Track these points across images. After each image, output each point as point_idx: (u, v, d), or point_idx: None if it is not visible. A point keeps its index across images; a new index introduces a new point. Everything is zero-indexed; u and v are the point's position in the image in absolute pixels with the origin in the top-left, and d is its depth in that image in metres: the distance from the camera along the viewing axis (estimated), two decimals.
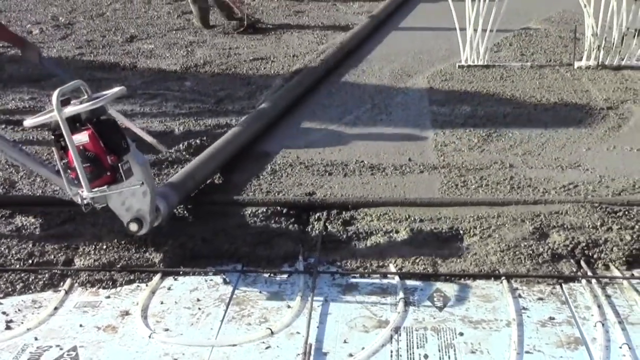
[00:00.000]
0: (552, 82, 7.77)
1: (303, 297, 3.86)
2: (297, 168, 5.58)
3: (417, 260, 4.21)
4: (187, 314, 3.76)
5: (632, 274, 4.08)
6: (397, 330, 3.56)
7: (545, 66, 8.46)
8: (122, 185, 3.98)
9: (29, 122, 3.96)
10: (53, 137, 4.01)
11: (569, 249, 4.27)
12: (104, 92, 4.06)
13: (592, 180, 5.17)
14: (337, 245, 4.45)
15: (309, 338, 3.47)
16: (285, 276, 4.13)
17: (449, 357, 3.33)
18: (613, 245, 4.26)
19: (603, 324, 3.56)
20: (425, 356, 3.34)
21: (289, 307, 3.79)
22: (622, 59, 8.32)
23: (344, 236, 4.51)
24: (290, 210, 4.85)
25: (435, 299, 3.85)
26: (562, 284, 3.98)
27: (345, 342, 3.47)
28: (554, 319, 3.64)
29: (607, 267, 4.16)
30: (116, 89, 4.04)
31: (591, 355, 3.34)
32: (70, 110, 3.85)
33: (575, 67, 8.35)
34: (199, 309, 3.80)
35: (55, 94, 3.77)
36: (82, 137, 3.87)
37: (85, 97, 4.03)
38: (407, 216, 4.68)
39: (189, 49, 9.62)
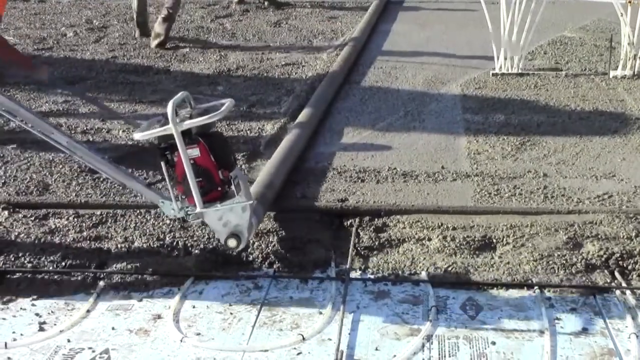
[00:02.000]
0: (587, 91, 7.72)
1: (334, 304, 3.86)
2: (330, 174, 5.57)
3: (449, 268, 4.19)
4: (218, 318, 3.77)
5: None
6: (429, 338, 3.54)
7: (580, 75, 8.40)
8: (234, 200, 3.90)
9: (140, 135, 3.81)
10: (158, 150, 3.92)
11: (603, 259, 4.23)
12: (211, 104, 4.00)
13: (627, 191, 5.13)
14: (369, 252, 4.45)
15: (340, 345, 3.47)
16: (317, 282, 4.13)
17: None
18: None
19: (637, 336, 3.52)
20: None
21: (320, 313, 3.79)
22: None
23: (376, 243, 4.51)
24: (323, 216, 4.85)
25: (467, 308, 3.83)
26: (596, 295, 3.94)
27: (376, 349, 3.47)
28: (587, 329, 3.61)
29: None
30: (226, 102, 3.91)
31: None
32: (189, 123, 3.73)
33: (611, 76, 8.28)
34: (231, 313, 3.81)
35: (170, 105, 3.68)
36: (193, 151, 3.76)
37: (189, 109, 3.90)
38: (440, 224, 4.66)
39: (222, 54, 9.66)
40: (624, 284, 4.04)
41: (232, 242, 4.00)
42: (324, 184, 5.41)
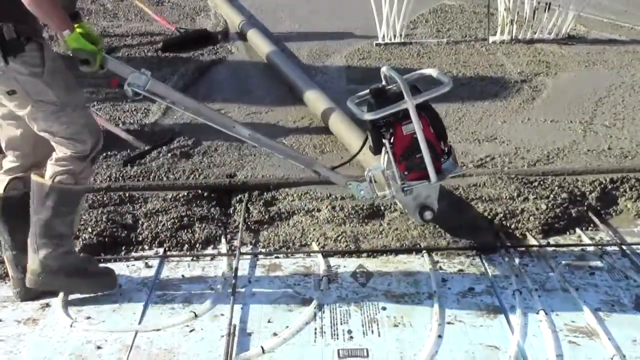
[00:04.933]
0: (468, 57, 7.90)
1: (226, 280, 3.85)
2: (219, 149, 5.54)
3: (339, 238, 4.23)
4: (109, 300, 3.70)
5: (548, 242, 4.19)
6: (320, 307, 3.57)
7: (460, 42, 8.58)
8: (455, 171, 3.95)
9: (372, 115, 3.74)
10: (370, 130, 3.88)
11: (487, 220, 4.36)
12: (414, 77, 3.96)
13: (508, 152, 5.29)
14: (259, 226, 4.45)
15: (232, 319, 3.47)
16: (208, 259, 4.11)
17: (373, 332, 3.36)
18: (529, 214, 4.37)
19: (521, 292, 3.65)
20: (349, 331, 3.37)
21: (212, 289, 3.77)
22: (535, 33, 8.51)
23: (266, 217, 4.51)
24: (212, 193, 4.82)
25: (358, 276, 3.88)
26: (481, 255, 4.06)
27: (269, 321, 3.48)
28: (473, 289, 3.72)
29: (524, 237, 4.26)
30: (429, 71, 3.97)
31: (510, 322, 3.41)
32: (423, 96, 3.73)
33: (490, 41, 8.50)
34: (122, 295, 3.75)
35: (402, 82, 3.68)
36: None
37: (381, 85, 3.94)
38: (329, 194, 4.70)
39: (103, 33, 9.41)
40: (507, 243, 4.17)
41: (428, 215, 3.98)
42: (212, 159, 5.38)
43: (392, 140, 3.82)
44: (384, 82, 3.98)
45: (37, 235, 3.54)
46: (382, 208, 4.53)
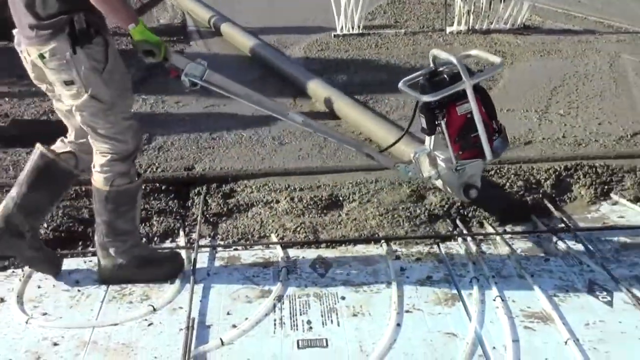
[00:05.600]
0: (426, 47, 7.93)
1: (185, 273, 3.83)
2: (175, 144, 5.51)
3: (298, 229, 4.24)
4: (66, 296, 3.66)
5: (505, 230, 4.23)
6: (280, 298, 3.57)
7: (418, 32, 8.62)
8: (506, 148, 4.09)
9: (431, 97, 3.83)
10: (422, 113, 3.95)
11: (444, 209, 4.40)
12: (464, 53, 4.19)
13: None
14: (218, 219, 4.43)
15: (191, 312, 3.45)
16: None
17: (332, 322, 3.37)
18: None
19: (478, 279, 3.68)
20: (309, 322, 3.37)
21: (171, 283, 3.75)
22: (491, 23, 8.58)
23: (225, 209, 4.50)
24: (170, 186, 4.79)
25: (317, 266, 3.88)
26: (439, 244, 4.09)
27: (228, 313, 3.47)
28: (431, 277, 3.74)
29: (481, 225, 4.31)
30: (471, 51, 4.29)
31: (467, 309, 3.44)
32: (478, 77, 3.87)
33: (447, 32, 8.56)
34: (79, 290, 3.71)
35: (459, 64, 3.80)
36: (469, 106, 3.85)
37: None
38: (287, 186, 4.70)
39: None
40: (465, 231, 4.21)
41: (473, 193, 4.05)
42: (170, 153, 5.35)
43: (446, 121, 3.90)
44: (431, 65, 4.08)
45: (104, 235, 3.63)
46: (341, 198, 4.54)
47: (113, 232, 3.61)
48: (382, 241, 4.10)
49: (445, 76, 3.90)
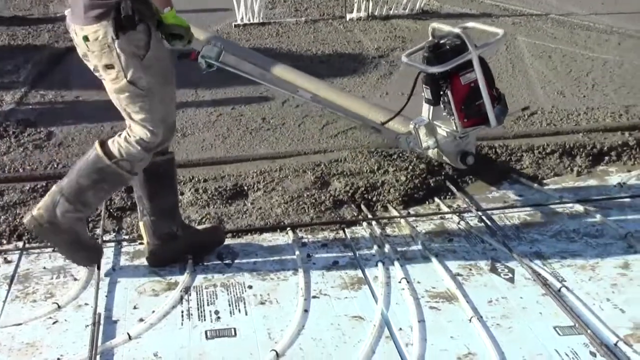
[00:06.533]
0: (326, 35, 7.98)
1: (89, 268, 3.76)
2: (76, 139, 5.39)
3: (204, 220, 4.22)
4: None
5: (409, 212, 4.31)
6: (187, 290, 3.55)
7: (319, 20, 8.65)
8: (512, 113, 4.20)
9: (440, 67, 3.95)
10: (427, 84, 4.09)
11: (349, 194, 4.44)
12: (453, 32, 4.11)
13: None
14: (122, 213, 4.37)
15: (97, 308, 3.40)
16: None
17: (239, 311, 3.37)
18: (390, 187, 4.47)
19: (383, 262, 3.73)
20: (216, 312, 3.36)
21: (75, 279, 3.68)
22: (390, 9, 8.68)
23: (129, 203, 4.43)
24: None
25: (223, 256, 3.87)
26: (345, 229, 4.13)
27: (135, 307, 3.43)
28: (338, 262, 3.78)
29: (385, 208, 4.37)
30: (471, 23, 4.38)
31: (374, 292, 3.49)
32: (483, 47, 4.01)
33: (347, 19, 8.61)
34: None
35: (464, 35, 3.94)
36: (472, 75, 3.97)
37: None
38: (191, 177, 4.66)
39: None
40: (369, 216, 4.25)
41: (470, 160, 4.21)
42: (74, 148, 5.24)
43: (451, 91, 4.01)
44: (430, 38, 4.17)
45: (64, 190, 3.54)
46: (246, 188, 4.54)
47: (77, 195, 3.53)
48: (288, 229, 4.12)
49: (448, 47, 4.01)
